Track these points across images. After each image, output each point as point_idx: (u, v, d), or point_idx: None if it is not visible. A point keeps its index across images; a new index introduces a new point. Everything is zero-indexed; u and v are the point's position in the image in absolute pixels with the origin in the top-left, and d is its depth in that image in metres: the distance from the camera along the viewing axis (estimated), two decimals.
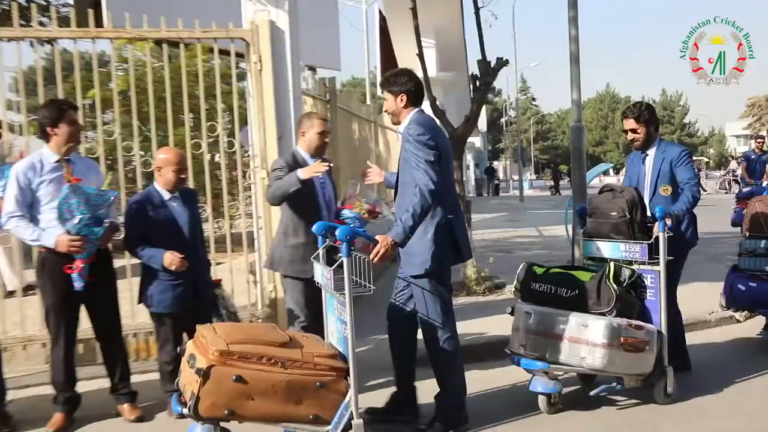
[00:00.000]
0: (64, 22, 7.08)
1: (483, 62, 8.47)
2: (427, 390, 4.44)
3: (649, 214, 4.80)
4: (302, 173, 4.43)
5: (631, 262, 4.71)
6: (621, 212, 4.75)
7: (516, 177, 42.38)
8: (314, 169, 4.45)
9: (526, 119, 66.77)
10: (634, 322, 4.43)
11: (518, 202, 30.66)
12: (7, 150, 5.42)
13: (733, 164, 36.21)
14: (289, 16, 5.91)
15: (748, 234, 5.85)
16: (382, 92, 4.40)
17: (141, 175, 5.92)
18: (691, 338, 5.72)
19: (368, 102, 22.05)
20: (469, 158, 40.71)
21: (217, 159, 6.55)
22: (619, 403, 4.68)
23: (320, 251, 3.98)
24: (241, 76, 7.01)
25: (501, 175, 49.45)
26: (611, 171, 42.64)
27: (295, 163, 4.65)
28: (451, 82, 23.41)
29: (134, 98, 5.94)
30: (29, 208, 4.38)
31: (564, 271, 4.76)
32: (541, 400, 4.47)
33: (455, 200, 4.39)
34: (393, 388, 4.54)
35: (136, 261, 4.61)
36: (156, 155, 4.66)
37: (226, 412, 3.60)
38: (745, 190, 7.02)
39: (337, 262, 3.69)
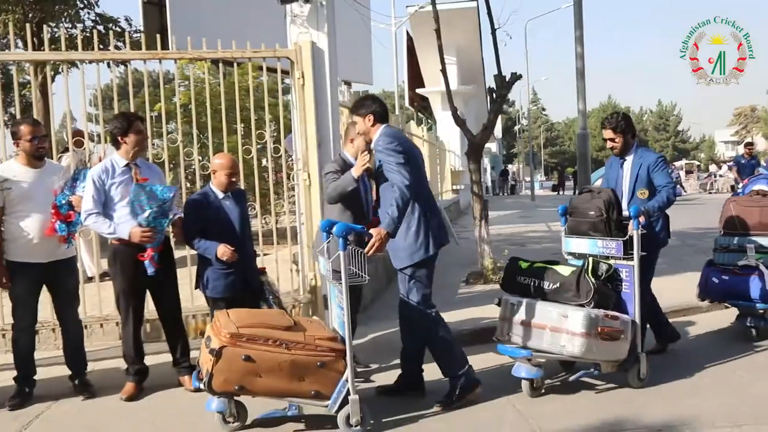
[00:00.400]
0: (136, 45, 7.17)
1: (499, 77, 8.41)
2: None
3: (625, 213, 4.67)
4: (355, 172, 4.50)
5: (607, 258, 4.61)
6: (598, 212, 4.62)
7: (528, 178, 42.04)
8: (361, 164, 4.49)
9: (536, 127, 66.04)
10: (611, 312, 4.34)
11: (530, 201, 30.35)
12: (87, 157, 5.52)
13: (713, 167, 35.56)
14: (328, 37, 5.92)
15: (723, 231, 5.71)
16: (352, 117, 4.43)
17: (199, 176, 5.99)
18: (682, 322, 5.63)
19: (397, 112, 22.00)
20: (486, 162, 40.46)
21: (264, 163, 6.59)
22: (597, 387, 4.55)
23: (324, 245, 3.98)
24: (286, 91, 7.04)
25: (514, 177, 48.93)
26: None
27: (345, 166, 4.72)
28: (471, 95, 23.28)
29: (194, 111, 6.02)
30: (104, 206, 4.45)
31: (547, 266, 4.62)
32: (525, 385, 4.37)
33: (432, 197, 4.43)
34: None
35: (194, 252, 4.66)
36: (212, 160, 4.70)
37: (236, 387, 3.70)
38: (739, 190, 6.81)
39: (335, 255, 3.77)
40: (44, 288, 4.61)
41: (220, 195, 4.56)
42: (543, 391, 4.40)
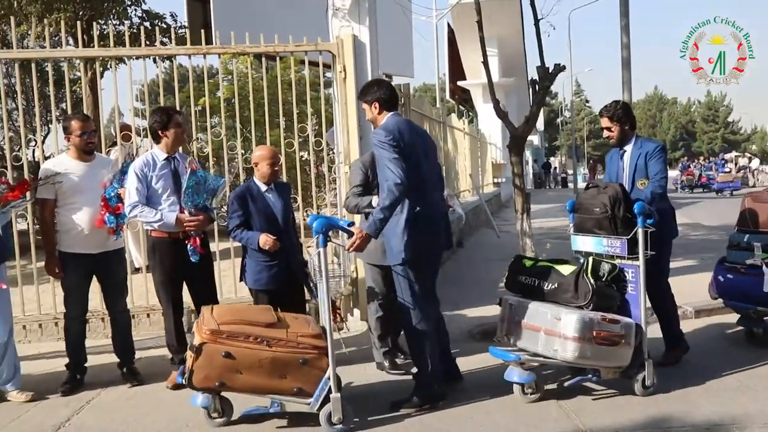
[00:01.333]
0: (181, 41, 7.30)
1: (542, 68, 8.27)
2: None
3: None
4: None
5: (613, 257, 4.35)
6: (603, 208, 4.34)
7: (570, 171, 41.32)
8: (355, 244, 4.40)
9: (580, 119, 64.85)
10: (610, 315, 4.09)
11: (572, 194, 29.95)
12: (135, 150, 5.65)
13: (743, 160, 33.82)
14: (370, 31, 5.92)
15: (736, 228, 5.35)
16: (361, 104, 4.31)
17: (243, 169, 6.06)
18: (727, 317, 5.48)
19: (438, 105, 21.90)
20: (527, 154, 39.93)
21: (306, 156, 6.64)
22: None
23: (314, 240, 3.85)
24: (328, 84, 7.06)
25: (558, 170, 48.01)
26: None
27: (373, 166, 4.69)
28: (512, 87, 23.00)
29: (237, 105, 6.09)
30: (147, 199, 4.52)
31: (550, 265, 4.40)
32: (517, 389, 4.16)
33: (430, 193, 4.16)
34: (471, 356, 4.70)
35: (238, 244, 4.72)
36: (253, 153, 4.76)
37: (217, 383, 3.71)
38: None
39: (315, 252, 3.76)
40: (94, 279, 4.74)
41: (263, 188, 4.60)
42: (540, 395, 4.16)
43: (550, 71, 8.22)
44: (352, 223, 3.99)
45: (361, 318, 5.67)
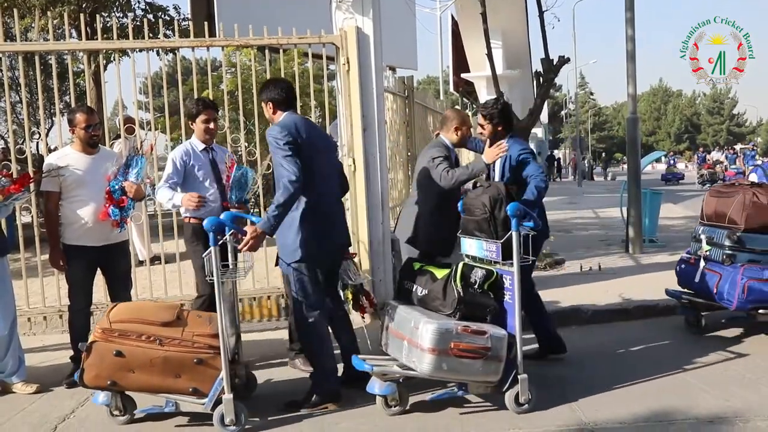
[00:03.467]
0: (184, 33, 7.28)
1: (546, 60, 8.24)
2: None
3: None
4: (487, 158, 4.44)
5: (493, 262, 4.02)
6: (483, 209, 4.04)
7: (588, 162, 41.07)
8: (497, 152, 4.41)
9: (584, 111, 64.64)
10: (473, 326, 3.76)
11: (576, 187, 29.86)
12: (138, 143, 5.64)
13: (716, 153, 32.73)
14: (373, 23, 5.89)
15: (699, 220, 5.51)
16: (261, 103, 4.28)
17: (246, 162, 6.06)
18: None
19: (441, 98, 21.85)
20: (531, 147, 39.75)
21: None
22: (648, 374, 4.40)
23: (227, 237, 3.79)
24: (331, 77, 7.04)
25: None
26: (663, 158, 40.79)
27: (448, 151, 4.74)
28: (517, 79, 22.87)
29: (240, 97, 6.08)
30: (183, 186, 4.59)
31: (432, 269, 4.14)
32: (379, 401, 3.89)
33: (327, 189, 4.12)
34: None
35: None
36: None
37: (109, 382, 3.68)
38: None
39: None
40: (99, 272, 4.75)
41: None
42: (408, 407, 3.90)
43: (554, 63, 8.19)
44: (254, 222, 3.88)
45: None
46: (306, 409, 3.98)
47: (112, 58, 7.27)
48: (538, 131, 42.09)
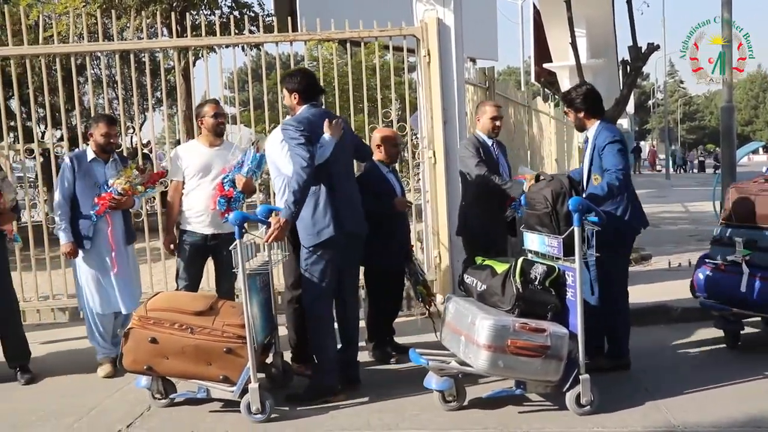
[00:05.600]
0: (268, 29, 7.46)
1: (634, 48, 7.94)
2: None
3: None
4: (514, 192, 4.51)
5: (555, 258, 3.85)
6: (545, 203, 3.88)
7: (662, 156, 39.45)
8: (523, 190, 4.41)
9: (673, 101, 61.83)
10: (532, 323, 3.63)
11: (664, 180, 28.68)
12: (257, 141, 5.84)
13: None
14: (454, 14, 5.85)
15: (721, 221, 4.88)
16: (281, 89, 4.22)
17: None
18: None
19: (522, 89, 21.44)
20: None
21: None
22: (740, 375, 4.14)
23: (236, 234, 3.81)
24: (411, 69, 7.04)
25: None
26: (761, 150, 38.39)
27: (479, 144, 4.77)
28: (601, 68, 22.01)
29: None
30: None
31: (489, 263, 4.04)
32: (437, 397, 3.83)
33: (339, 183, 4.06)
34: None
35: None
36: (373, 135, 4.94)
37: (145, 367, 3.86)
38: None
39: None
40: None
41: (385, 169, 4.77)
42: (466, 403, 3.84)
43: (642, 51, 7.89)
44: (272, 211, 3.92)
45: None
46: (306, 404, 3.97)
47: (200, 55, 7.54)
48: (623, 122, 40.51)
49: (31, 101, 6.37)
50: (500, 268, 3.95)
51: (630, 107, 40.68)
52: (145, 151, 6.12)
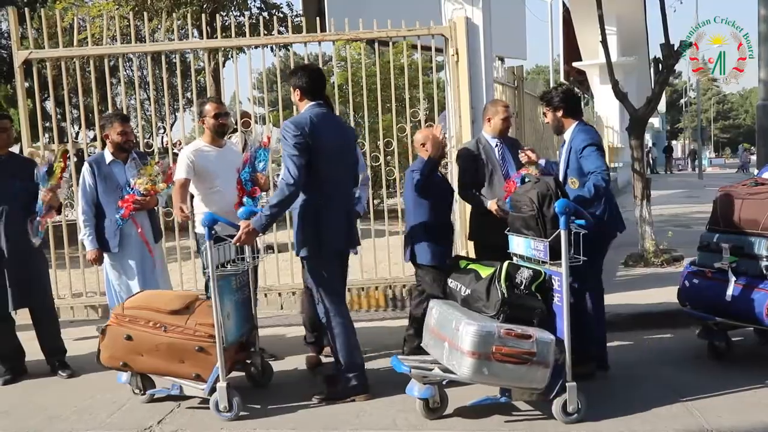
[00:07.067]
0: (296, 29, 7.51)
1: (666, 46, 7.80)
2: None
3: None
4: (491, 206, 4.48)
5: (541, 262, 3.74)
6: (530, 205, 3.74)
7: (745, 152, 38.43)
8: (496, 208, 4.43)
9: (706, 99, 60.73)
10: (518, 329, 3.49)
11: (697, 180, 28.14)
12: (265, 137, 5.88)
13: None
14: (483, 12, 5.82)
15: (708, 226, 4.64)
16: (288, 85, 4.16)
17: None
18: None
19: (551, 87, 21.22)
20: (647, 138, 37.80)
21: None
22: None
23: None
24: (439, 68, 7.02)
25: (678, 153, 44.65)
26: None
27: (478, 150, 4.65)
28: (632, 66, 21.85)
29: (350, 90, 6.19)
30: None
31: (474, 267, 3.89)
32: (419, 405, 3.70)
33: (335, 191, 3.97)
34: None
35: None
36: (416, 136, 4.77)
37: (121, 363, 3.97)
38: None
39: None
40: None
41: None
42: (444, 412, 3.73)
43: (675, 49, 7.74)
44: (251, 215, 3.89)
45: None
46: (332, 402, 3.97)
47: (230, 55, 7.62)
48: (654, 121, 39.93)
49: (65, 102, 6.50)
50: (485, 272, 3.79)
51: (661, 106, 40.14)
52: (176, 150, 6.18)
